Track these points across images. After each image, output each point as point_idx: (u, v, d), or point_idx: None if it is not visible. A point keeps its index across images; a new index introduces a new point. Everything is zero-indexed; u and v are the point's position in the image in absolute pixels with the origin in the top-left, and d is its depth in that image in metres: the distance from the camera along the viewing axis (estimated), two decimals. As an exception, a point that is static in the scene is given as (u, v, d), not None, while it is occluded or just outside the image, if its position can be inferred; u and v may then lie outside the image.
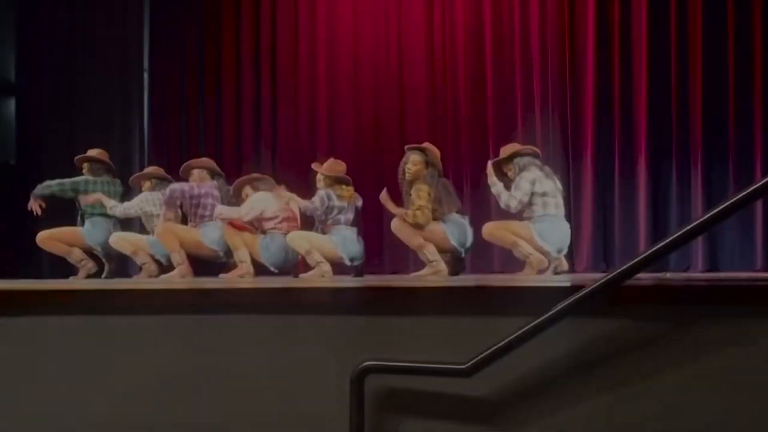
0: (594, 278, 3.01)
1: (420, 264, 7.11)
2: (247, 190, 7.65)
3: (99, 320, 3.61)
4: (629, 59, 8.77)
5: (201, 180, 7.82)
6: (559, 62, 9.00)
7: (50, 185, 8.04)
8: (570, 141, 8.80)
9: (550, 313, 2.89)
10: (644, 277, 3.73)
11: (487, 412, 3.13)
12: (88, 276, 8.00)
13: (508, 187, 6.84)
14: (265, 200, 7.43)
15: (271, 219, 7.42)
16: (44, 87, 10.20)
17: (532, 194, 6.74)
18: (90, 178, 8.11)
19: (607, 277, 2.88)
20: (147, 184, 8.11)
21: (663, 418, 2.95)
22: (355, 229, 7.30)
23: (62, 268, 9.47)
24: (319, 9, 9.97)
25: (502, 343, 2.94)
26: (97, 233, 8.06)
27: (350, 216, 7.30)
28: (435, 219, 6.91)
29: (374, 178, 8.79)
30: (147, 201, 7.95)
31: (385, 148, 9.41)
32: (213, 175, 7.91)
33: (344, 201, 7.24)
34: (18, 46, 10.48)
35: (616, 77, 8.79)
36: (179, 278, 7.42)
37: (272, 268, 7.40)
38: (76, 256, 8.10)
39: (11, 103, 10.68)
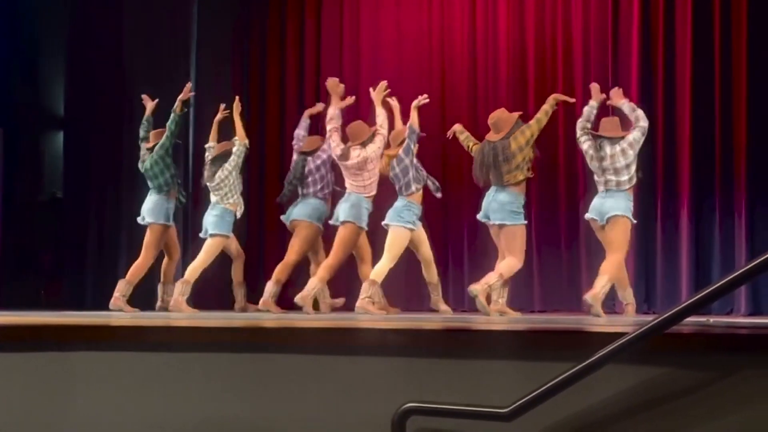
0: (636, 321, 3.02)
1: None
2: None
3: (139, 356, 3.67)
4: (673, 100, 8.73)
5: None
6: (602, 83, 9.00)
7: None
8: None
9: (592, 359, 2.89)
10: (687, 322, 3.72)
11: (528, 457, 3.13)
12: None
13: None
14: None
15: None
16: (92, 121, 10.36)
17: None
18: None
19: (650, 324, 2.88)
20: None
21: (705, 467, 2.93)
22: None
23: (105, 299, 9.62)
24: (364, 21, 10.08)
25: (544, 387, 2.94)
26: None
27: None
28: None
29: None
30: None
31: (426, 157, 9.46)
32: None
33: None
34: (67, 80, 10.69)
35: (660, 117, 8.74)
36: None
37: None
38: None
39: (59, 137, 10.87)
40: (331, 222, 7.86)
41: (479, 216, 7.41)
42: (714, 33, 8.56)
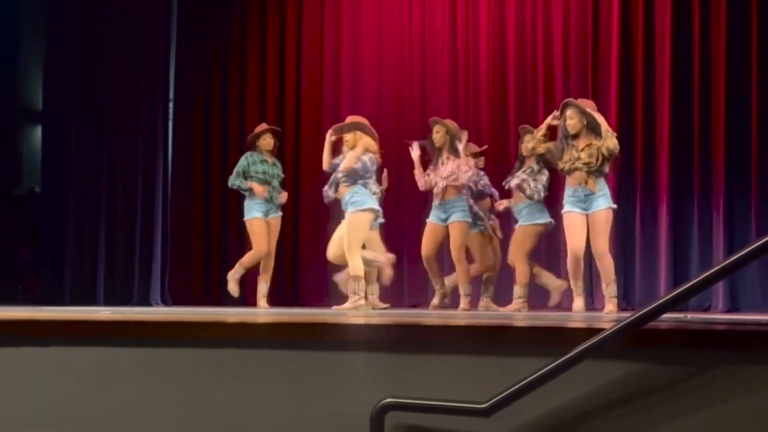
0: (615, 317, 3.02)
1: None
2: None
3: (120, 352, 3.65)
4: (652, 99, 8.80)
5: None
6: (582, 82, 9.04)
7: None
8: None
9: (570, 354, 2.90)
10: (664, 318, 3.73)
11: (506, 452, 3.13)
12: None
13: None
14: None
15: None
16: (70, 115, 10.31)
17: None
18: None
19: (628, 320, 2.89)
20: None
21: (682, 462, 2.95)
22: None
23: (84, 294, 9.59)
24: (345, 14, 10.10)
25: (522, 383, 2.95)
26: None
27: None
28: None
29: (395, 179, 8.69)
30: None
31: (406, 149, 9.47)
32: None
33: None
34: (45, 75, 10.62)
35: (639, 115, 8.81)
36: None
37: None
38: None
39: (38, 131, 10.81)
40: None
41: None
42: (693, 35, 8.65)
